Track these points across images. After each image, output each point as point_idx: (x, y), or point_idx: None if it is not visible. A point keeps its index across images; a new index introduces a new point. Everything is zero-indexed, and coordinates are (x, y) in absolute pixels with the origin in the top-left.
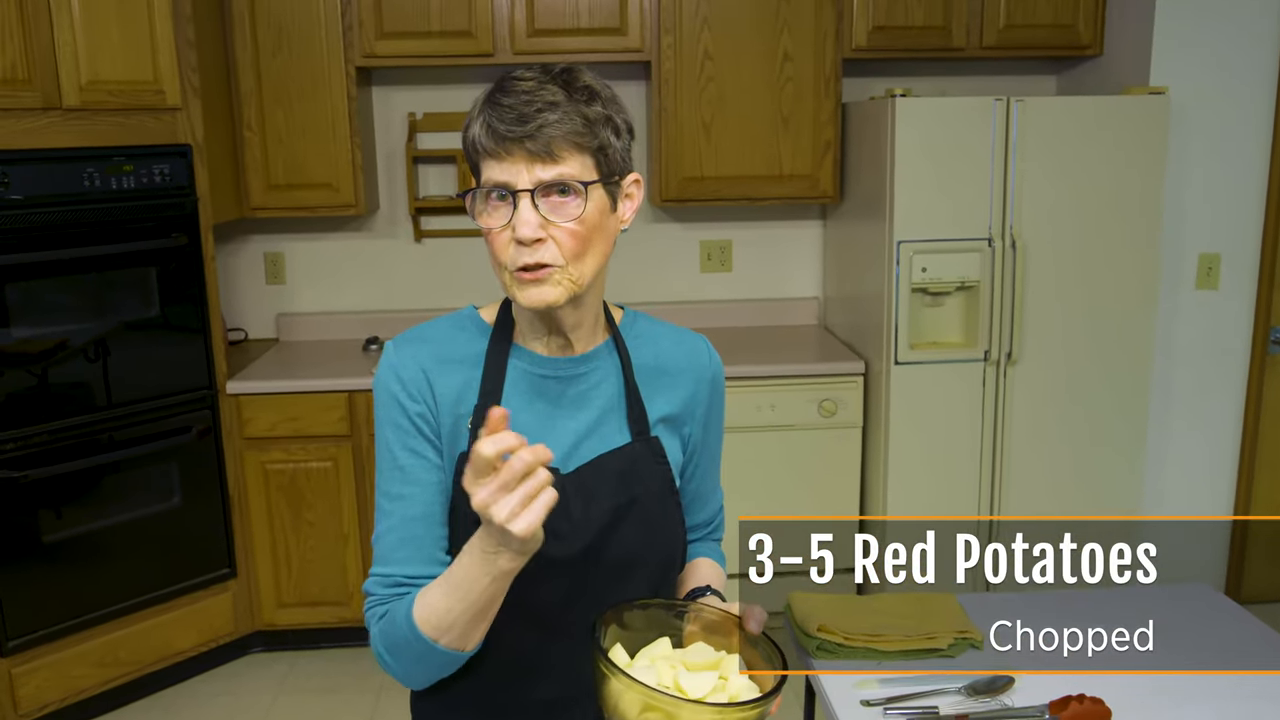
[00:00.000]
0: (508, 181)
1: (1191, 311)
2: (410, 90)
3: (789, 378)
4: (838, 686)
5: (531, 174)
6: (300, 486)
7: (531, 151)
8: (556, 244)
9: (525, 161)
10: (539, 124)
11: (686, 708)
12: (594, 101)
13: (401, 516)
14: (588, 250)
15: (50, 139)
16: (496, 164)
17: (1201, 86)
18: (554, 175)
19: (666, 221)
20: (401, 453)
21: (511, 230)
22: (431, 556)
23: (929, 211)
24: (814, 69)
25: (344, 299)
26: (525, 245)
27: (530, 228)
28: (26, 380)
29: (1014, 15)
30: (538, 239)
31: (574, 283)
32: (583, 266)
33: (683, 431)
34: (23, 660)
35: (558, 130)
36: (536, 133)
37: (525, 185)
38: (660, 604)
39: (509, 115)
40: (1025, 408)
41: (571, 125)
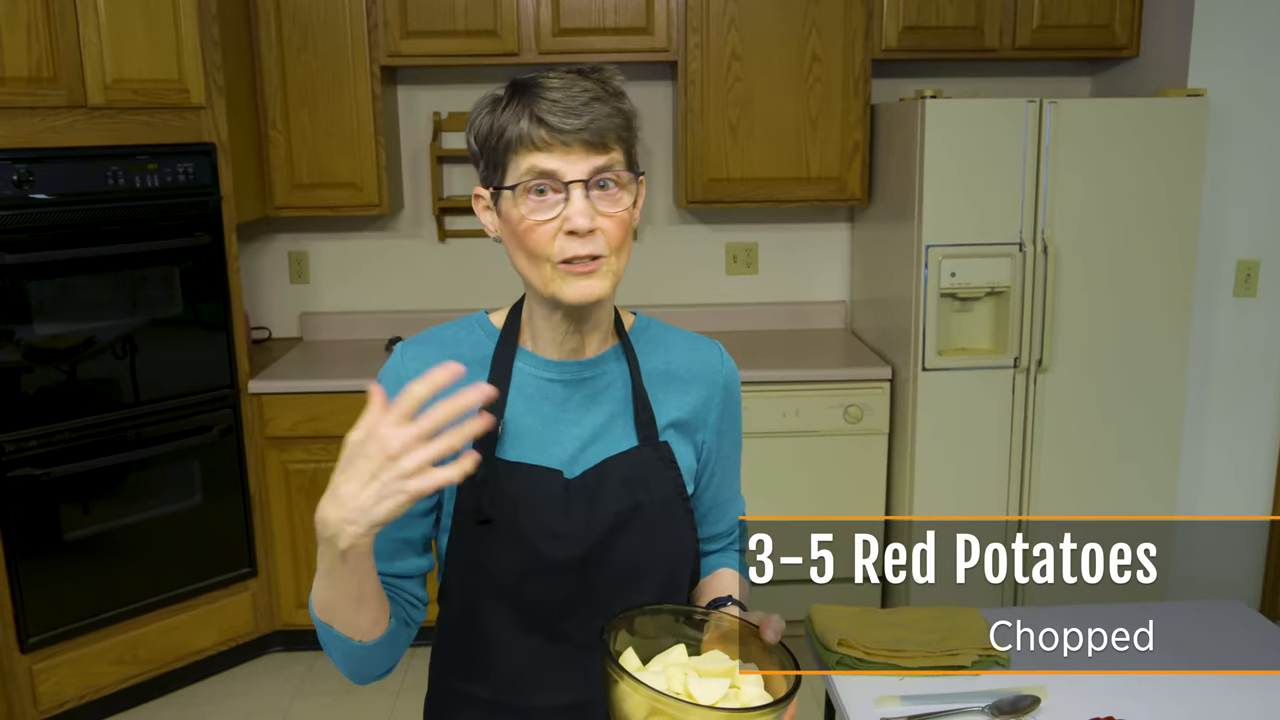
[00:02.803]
0: (557, 170)
1: (1228, 319)
2: (435, 90)
3: (814, 383)
4: (858, 702)
5: (586, 164)
6: (321, 487)
7: (587, 142)
8: (604, 235)
9: (581, 151)
10: (592, 116)
11: (693, 712)
12: (624, 98)
13: None
14: (626, 241)
15: (75, 137)
16: (544, 155)
17: (1241, 88)
18: (605, 161)
19: (692, 223)
20: None
21: (561, 221)
22: (390, 555)
23: (959, 215)
24: (843, 70)
25: (367, 299)
26: (579, 236)
27: (587, 218)
28: (49, 378)
29: (1048, 15)
30: (592, 229)
31: (615, 274)
32: (622, 258)
33: (695, 438)
34: (43, 657)
35: (609, 122)
36: (591, 124)
37: (579, 175)
38: (673, 610)
39: (558, 108)
40: (1055, 416)
41: (618, 119)
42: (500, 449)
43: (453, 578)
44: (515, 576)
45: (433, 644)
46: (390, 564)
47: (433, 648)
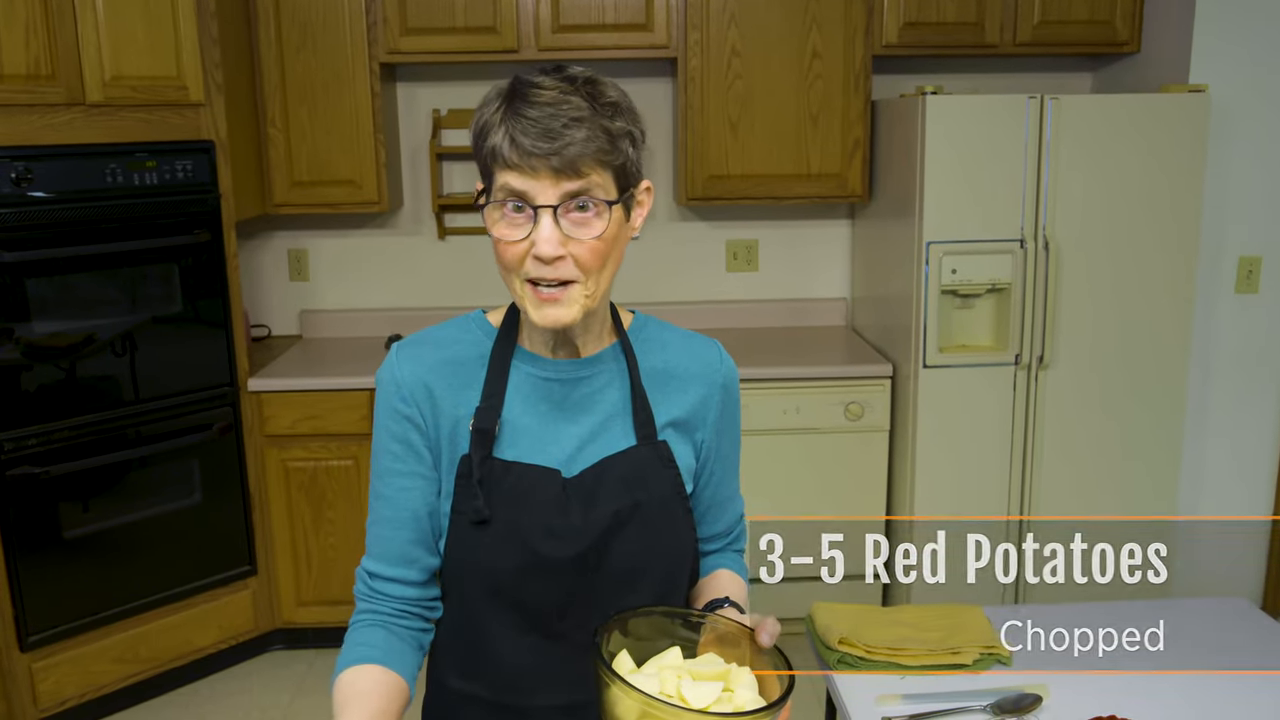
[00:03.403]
0: (527, 193)
1: (1230, 316)
2: (434, 87)
3: (814, 380)
4: (859, 701)
5: (556, 190)
6: (321, 485)
7: (556, 169)
8: (575, 260)
9: (550, 178)
10: (566, 141)
11: (685, 716)
12: (617, 116)
13: (378, 516)
14: (605, 265)
15: (74, 135)
16: (517, 176)
17: (1242, 84)
18: (578, 187)
19: (692, 220)
20: (384, 456)
21: (530, 244)
22: (396, 557)
23: (959, 212)
24: (843, 66)
25: (367, 296)
26: (545, 263)
27: (551, 245)
28: (48, 376)
29: (1049, 11)
30: (558, 256)
31: (589, 298)
32: (599, 280)
33: (694, 437)
34: (42, 655)
35: (585, 149)
36: (563, 150)
37: (548, 201)
38: (668, 612)
39: (533, 129)
40: (1056, 413)
41: (598, 143)
42: (498, 448)
43: (451, 577)
44: (513, 576)
45: (431, 643)
46: (393, 567)
47: (431, 647)
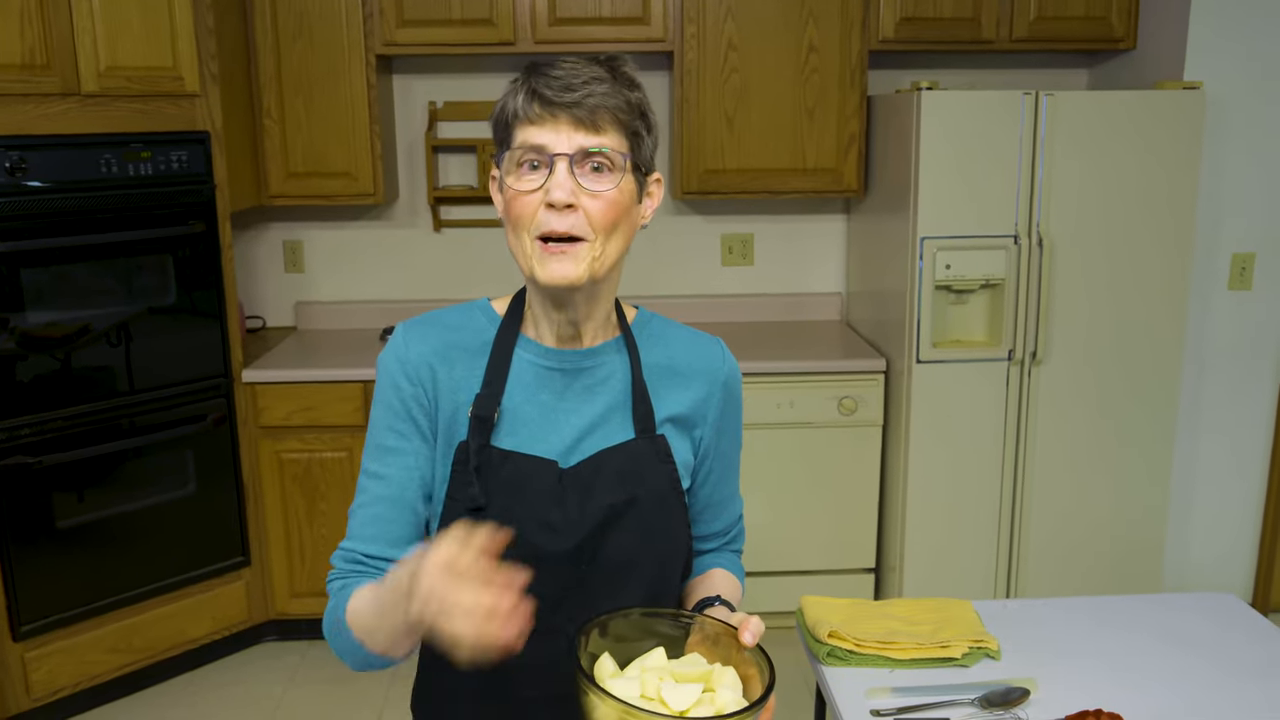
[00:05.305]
0: (545, 144)
1: (1223, 312)
2: (431, 79)
3: (809, 374)
4: (848, 695)
5: (573, 140)
6: (315, 476)
7: (576, 118)
8: (587, 215)
9: (569, 127)
10: (586, 93)
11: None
12: (635, 89)
13: (374, 495)
14: (616, 227)
15: (69, 125)
16: (536, 129)
17: (1238, 82)
18: (595, 144)
19: (688, 214)
20: (386, 433)
21: (543, 194)
22: (396, 539)
23: (954, 207)
24: (840, 61)
25: (362, 288)
26: (556, 210)
27: (564, 191)
28: (43, 366)
29: (1045, 7)
30: (569, 204)
31: (596, 260)
32: (609, 244)
33: (693, 434)
34: (36, 645)
35: (605, 101)
36: (583, 100)
37: (565, 149)
38: (644, 612)
39: (556, 83)
40: (1049, 409)
41: (617, 101)
42: (496, 437)
43: None
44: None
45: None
46: (391, 549)
47: (421, 637)
